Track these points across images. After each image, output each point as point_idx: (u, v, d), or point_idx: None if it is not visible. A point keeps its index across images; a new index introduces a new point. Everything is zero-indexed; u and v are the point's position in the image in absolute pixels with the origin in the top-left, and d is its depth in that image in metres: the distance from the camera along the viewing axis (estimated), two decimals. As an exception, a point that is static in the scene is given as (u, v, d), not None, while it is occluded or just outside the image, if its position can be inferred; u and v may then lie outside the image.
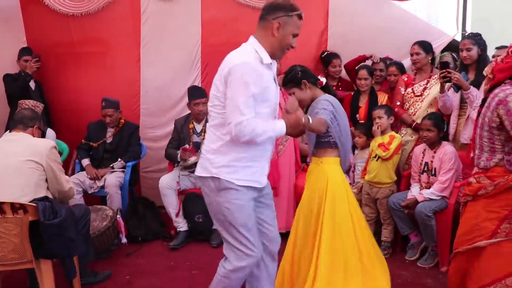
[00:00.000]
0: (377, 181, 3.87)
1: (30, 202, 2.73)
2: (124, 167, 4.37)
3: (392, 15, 4.97)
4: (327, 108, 2.76)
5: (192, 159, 4.15)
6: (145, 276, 3.55)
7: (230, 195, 2.31)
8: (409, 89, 4.16)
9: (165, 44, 4.80)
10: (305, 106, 2.93)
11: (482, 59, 3.84)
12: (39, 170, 2.91)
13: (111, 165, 4.35)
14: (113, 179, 4.22)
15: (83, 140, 4.47)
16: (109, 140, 4.46)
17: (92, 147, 4.45)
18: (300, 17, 2.35)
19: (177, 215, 4.19)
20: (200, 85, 4.76)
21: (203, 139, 4.25)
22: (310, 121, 2.46)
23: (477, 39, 3.88)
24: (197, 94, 4.27)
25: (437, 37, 4.81)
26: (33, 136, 3.12)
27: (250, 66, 2.23)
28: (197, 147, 4.29)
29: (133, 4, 4.71)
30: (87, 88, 4.83)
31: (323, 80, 2.94)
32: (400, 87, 4.19)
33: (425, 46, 4.14)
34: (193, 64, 4.87)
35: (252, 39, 2.37)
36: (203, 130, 4.33)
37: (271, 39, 2.33)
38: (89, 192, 4.29)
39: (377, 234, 3.94)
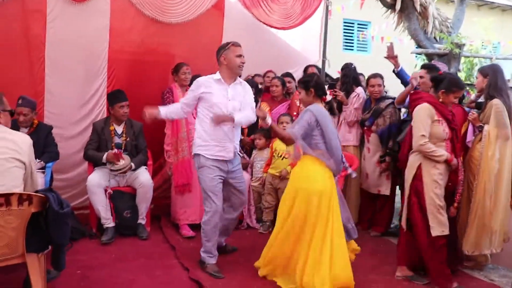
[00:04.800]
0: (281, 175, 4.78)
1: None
2: (43, 168, 4.29)
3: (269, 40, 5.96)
4: (306, 120, 3.42)
5: (121, 163, 4.40)
6: (96, 269, 3.68)
7: None
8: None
9: (71, 47, 4.82)
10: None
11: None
12: (22, 168, 2.88)
13: (28, 166, 4.23)
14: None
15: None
16: (23, 141, 4.31)
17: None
18: (234, 45, 3.65)
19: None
20: (105, 91, 4.95)
21: (125, 140, 4.56)
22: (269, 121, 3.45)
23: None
24: (122, 97, 4.53)
25: (302, 62, 6.03)
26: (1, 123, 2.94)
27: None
28: (118, 147, 4.54)
29: (40, 3, 4.62)
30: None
31: (329, 97, 3.69)
32: (295, 100, 5.17)
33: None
34: (100, 70, 4.97)
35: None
36: (124, 132, 4.59)
37: (224, 66, 3.69)
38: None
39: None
